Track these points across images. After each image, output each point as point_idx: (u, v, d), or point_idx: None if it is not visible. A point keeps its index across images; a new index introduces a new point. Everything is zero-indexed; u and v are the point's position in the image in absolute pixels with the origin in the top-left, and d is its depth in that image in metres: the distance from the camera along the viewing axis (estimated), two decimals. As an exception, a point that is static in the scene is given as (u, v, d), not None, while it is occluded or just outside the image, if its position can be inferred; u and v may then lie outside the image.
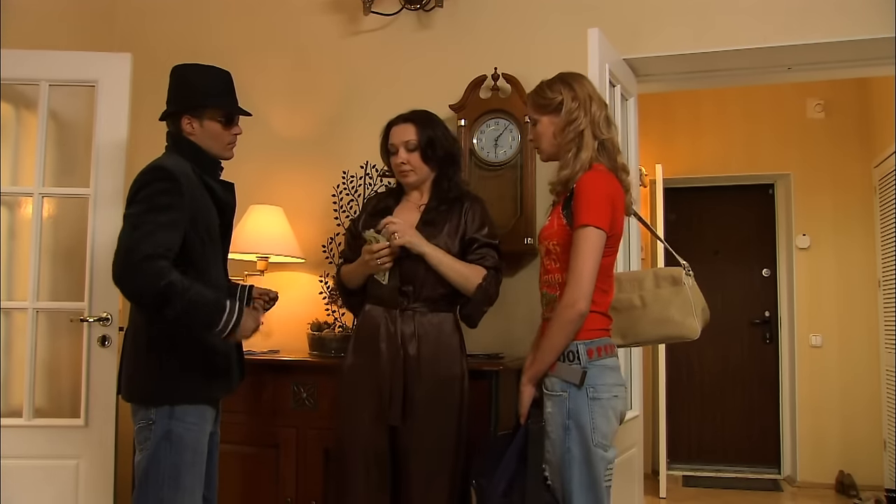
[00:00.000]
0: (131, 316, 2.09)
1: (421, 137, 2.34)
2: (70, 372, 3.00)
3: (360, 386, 2.30)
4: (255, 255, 3.16)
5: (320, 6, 3.47)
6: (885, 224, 4.65)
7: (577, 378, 1.89)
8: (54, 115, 3.03)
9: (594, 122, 2.01)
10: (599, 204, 1.90)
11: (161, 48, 3.44)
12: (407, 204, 2.42)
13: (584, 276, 1.87)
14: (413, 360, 2.25)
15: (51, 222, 3.03)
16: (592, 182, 1.93)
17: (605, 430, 1.90)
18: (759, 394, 5.53)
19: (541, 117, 2.08)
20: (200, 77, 2.13)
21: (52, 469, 2.76)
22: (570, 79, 2.07)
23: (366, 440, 2.27)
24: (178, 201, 1.92)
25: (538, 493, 1.90)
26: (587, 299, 1.88)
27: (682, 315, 2.09)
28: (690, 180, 5.51)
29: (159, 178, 1.94)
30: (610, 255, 1.98)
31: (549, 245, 2.00)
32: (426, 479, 2.22)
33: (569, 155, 2.00)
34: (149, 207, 1.89)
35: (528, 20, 3.20)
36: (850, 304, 5.07)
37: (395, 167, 2.39)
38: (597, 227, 1.88)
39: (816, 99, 5.19)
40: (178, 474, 1.95)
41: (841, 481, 4.87)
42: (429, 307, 2.30)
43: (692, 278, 2.14)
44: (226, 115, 2.14)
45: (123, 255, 1.85)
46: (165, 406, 1.96)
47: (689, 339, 2.12)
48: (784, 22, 2.93)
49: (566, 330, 1.91)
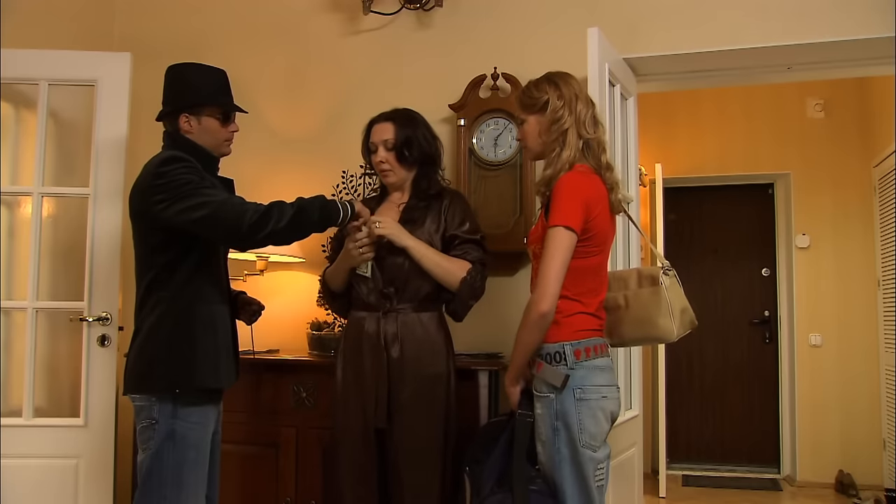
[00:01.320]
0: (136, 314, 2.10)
1: (398, 137, 2.34)
2: (70, 371, 3.00)
3: (349, 399, 2.31)
4: (255, 255, 3.16)
5: (320, 6, 3.47)
6: (885, 224, 4.65)
7: (559, 381, 1.89)
8: (54, 115, 3.03)
9: (579, 121, 2.00)
10: (571, 205, 1.90)
11: (161, 48, 3.44)
12: (388, 204, 2.43)
13: (548, 277, 1.87)
14: (396, 361, 2.25)
15: (50, 222, 3.03)
16: (568, 183, 1.93)
17: (593, 431, 1.90)
18: (758, 393, 5.53)
19: (528, 116, 2.09)
20: (197, 76, 2.15)
21: (51, 469, 2.76)
22: (556, 78, 2.07)
23: (354, 453, 2.28)
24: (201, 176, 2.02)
25: (523, 480, 1.90)
26: (550, 300, 1.87)
27: (659, 316, 2.04)
28: (690, 180, 5.51)
29: (177, 162, 2.00)
30: (598, 254, 1.98)
31: (535, 248, 2.01)
32: (415, 480, 2.22)
33: (553, 154, 2.01)
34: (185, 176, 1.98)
35: (527, 20, 3.20)
36: (850, 304, 5.07)
37: (375, 166, 2.40)
38: (566, 227, 1.88)
39: (816, 98, 5.19)
40: (182, 473, 1.96)
41: (840, 481, 4.87)
42: (413, 307, 2.30)
43: (671, 278, 2.08)
44: (223, 113, 2.16)
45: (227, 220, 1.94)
46: (169, 404, 1.96)
47: (666, 341, 2.09)
48: (784, 21, 2.93)
49: (531, 329, 1.91)
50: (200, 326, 2.03)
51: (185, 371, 1.99)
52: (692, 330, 2.13)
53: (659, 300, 2.05)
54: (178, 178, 1.96)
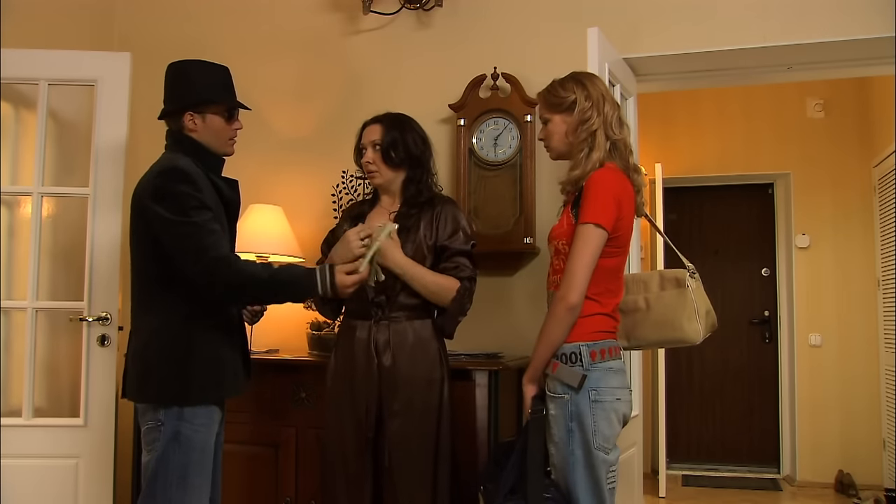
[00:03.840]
0: (134, 317, 2.08)
1: (385, 138, 2.33)
2: (69, 371, 3.00)
3: (341, 409, 2.31)
4: (255, 255, 3.15)
5: (320, 5, 3.47)
6: (885, 223, 4.66)
7: (575, 381, 1.88)
8: (54, 115, 3.03)
9: (607, 122, 2.00)
10: (605, 203, 1.89)
11: (160, 47, 3.43)
12: (380, 209, 2.42)
13: (576, 271, 1.87)
14: (388, 369, 2.24)
15: (50, 222, 3.03)
16: (601, 180, 1.93)
17: (606, 433, 1.90)
18: (758, 393, 5.54)
19: (553, 116, 2.07)
20: (201, 73, 2.13)
21: (51, 469, 2.76)
22: (583, 78, 2.06)
23: (347, 465, 2.27)
24: (203, 197, 1.98)
25: (538, 480, 1.89)
26: (578, 293, 1.87)
27: (685, 319, 2.06)
28: (690, 180, 5.51)
29: (180, 179, 1.96)
30: (618, 255, 1.97)
31: (559, 244, 1.99)
32: (409, 485, 2.22)
33: (580, 155, 1.99)
34: (186, 210, 1.93)
35: (527, 20, 3.20)
36: (850, 304, 5.07)
37: (363, 167, 2.40)
38: (598, 225, 1.88)
39: (816, 98, 5.19)
40: (187, 475, 1.96)
41: (840, 481, 4.87)
42: (405, 315, 2.29)
43: (696, 280, 2.10)
44: (228, 110, 2.14)
45: (195, 270, 1.92)
46: (175, 407, 1.96)
47: (691, 343, 2.09)
48: (784, 21, 2.93)
49: (558, 323, 1.90)
50: (200, 334, 2.00)
51: (185, 385, 1.97)
52: (712, 332, 2.14)
53: (685, 302, 2.07)
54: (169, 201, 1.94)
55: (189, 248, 1.92)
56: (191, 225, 1.92)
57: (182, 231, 1.92)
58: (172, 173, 1.97)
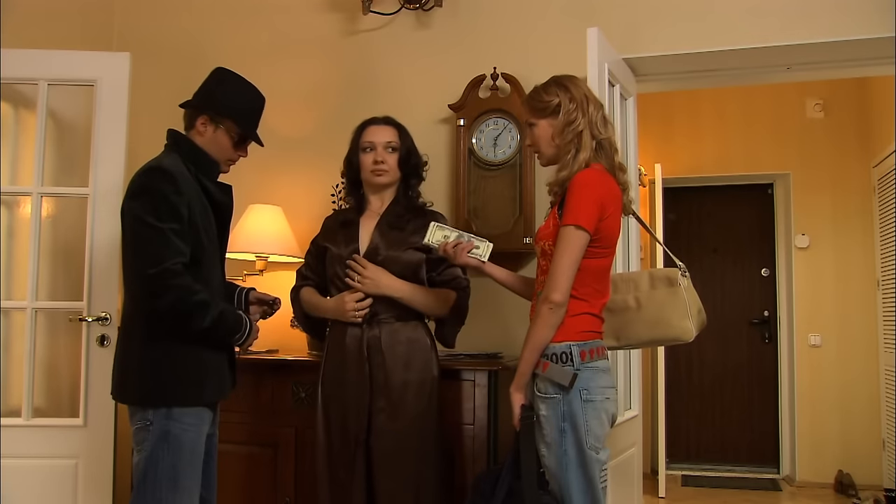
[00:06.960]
0: (124, 317, 2.08)
1: (402, 143, 2.39)
2: (69, 371, 3.00)
3: (330, 414, 2.32)
4: (254, 255, 3.16)
5: (319, 5, 3.47)
6: (885, 224, 4.66)
7: (566, 380, 1.88)
8: (53, 115, 3.03)
9: (592, 122, 2.01)
10: (587, 204, 1.90)
11: (160, 47, 3.44)
12: (370, 213, 2.43)
13: (559, 272, 1.88)
14: (379, 371, 2.25)
15: (50, 222, 3.03)
16: (584, 181, 1.93)
17: (598, 433, 1.91)
18: (758, 393, 5.54)
19: (538, 121, 2.08)
20: (237, 89, 2.15)
21: (51, 469, 2.76)
22: (564, 80, 2.07)
23: (335, 470, 2.28)
24: (181, 201, 1.94)
25: (533, 488, 1.89)
26: (562, 293, 1.88)
27: (677, 317, 2.07)
28: (690, 180, 5.51)
29: (161, 179, 1.94)
30: (605, 256, 1.98)
31: (545, 245, 2.00)
32: (391, 485, 2.23)
33: (568, 156, 2.00)
34: (158, 213, 1.90)
35: (527, 20, 3.20)
36: (849, 304, 5.07)
37: (367, 165, 2.38)
38: (578, 226, 1.89)
39: (816, 98, 5.19)
40: (176, 475, 1.95)
41: (840, 481, 4.87)
42: (396, 316, 2.31)
43: (688, 279, 2.12)
44: (240, 135, 2.14)
45: (148, 273, 1.87)
46: (162, 408, 1.96)
47: (683, 341, 2.10)
48: (783, 21, 2.93)
49: (544, 323, 1.91)
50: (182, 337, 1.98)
51: (161, 387, 1.96)
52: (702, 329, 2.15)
53: (676, 301, 2.08)
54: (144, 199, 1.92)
55: (146, 253, 1.89)
56: (155, 229, 1.89)
57: (145, 234, 1.90)
58: (154, 172, 1.97)
